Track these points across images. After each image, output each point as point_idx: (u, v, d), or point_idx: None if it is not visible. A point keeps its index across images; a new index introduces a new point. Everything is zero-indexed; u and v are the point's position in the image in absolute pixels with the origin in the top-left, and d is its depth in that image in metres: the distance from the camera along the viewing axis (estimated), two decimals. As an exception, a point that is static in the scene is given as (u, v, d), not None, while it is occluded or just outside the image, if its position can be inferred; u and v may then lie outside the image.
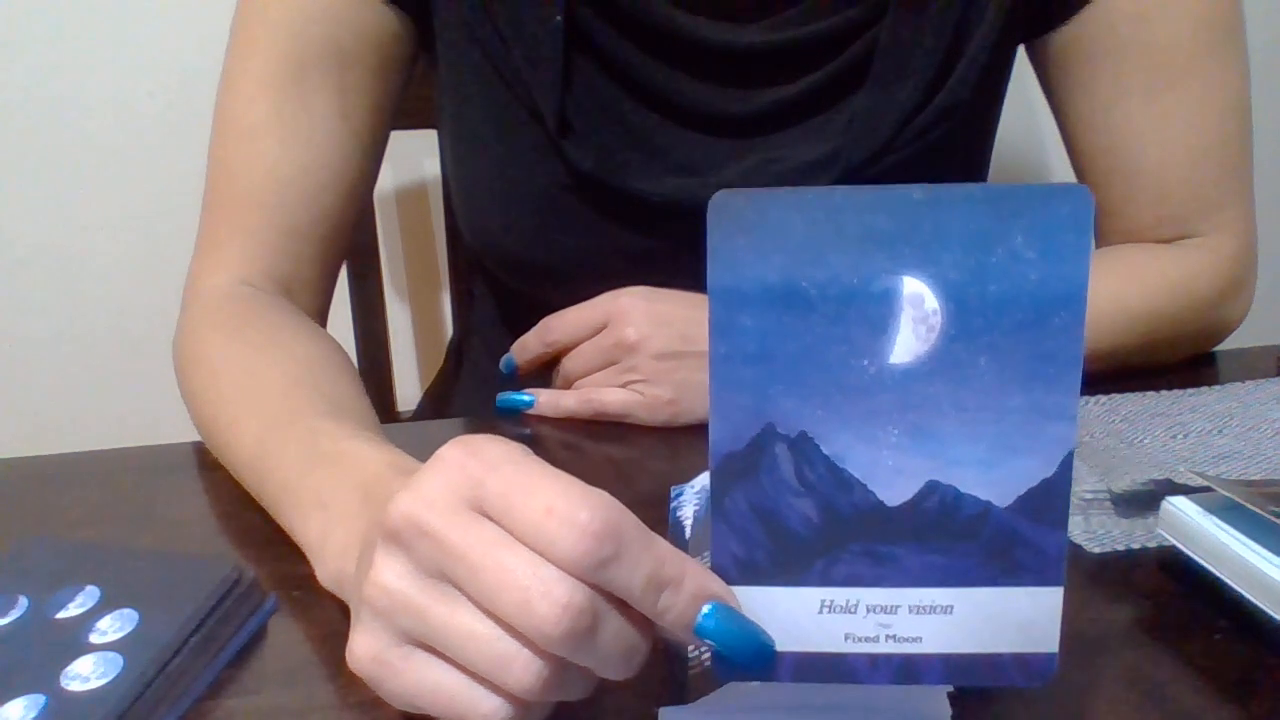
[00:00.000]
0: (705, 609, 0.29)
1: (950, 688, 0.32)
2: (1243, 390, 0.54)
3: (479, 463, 0.29)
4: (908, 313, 0.28)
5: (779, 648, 0.30)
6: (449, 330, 1.16)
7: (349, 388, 0.50)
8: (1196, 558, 0.39)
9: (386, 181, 1.14)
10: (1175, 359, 0.62)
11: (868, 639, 0.30)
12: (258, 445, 0.45)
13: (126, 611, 0.37)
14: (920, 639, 0.30)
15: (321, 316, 0.63)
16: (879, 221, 0.28)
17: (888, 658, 0.30)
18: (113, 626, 0.36)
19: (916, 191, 0.28)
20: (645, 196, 0.57)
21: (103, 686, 0.34)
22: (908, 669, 0.30)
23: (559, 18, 0.55)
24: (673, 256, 0.57)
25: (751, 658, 0.30)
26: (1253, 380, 0.55)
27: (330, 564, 0.37)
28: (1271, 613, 0.36)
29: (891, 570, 0.30)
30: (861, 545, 0.29)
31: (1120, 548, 0.44)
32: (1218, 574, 0.38)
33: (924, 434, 0.29)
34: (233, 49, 0.58)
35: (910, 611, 0.30)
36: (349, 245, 0.64)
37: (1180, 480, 0.43)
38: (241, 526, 0.48)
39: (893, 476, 0.29)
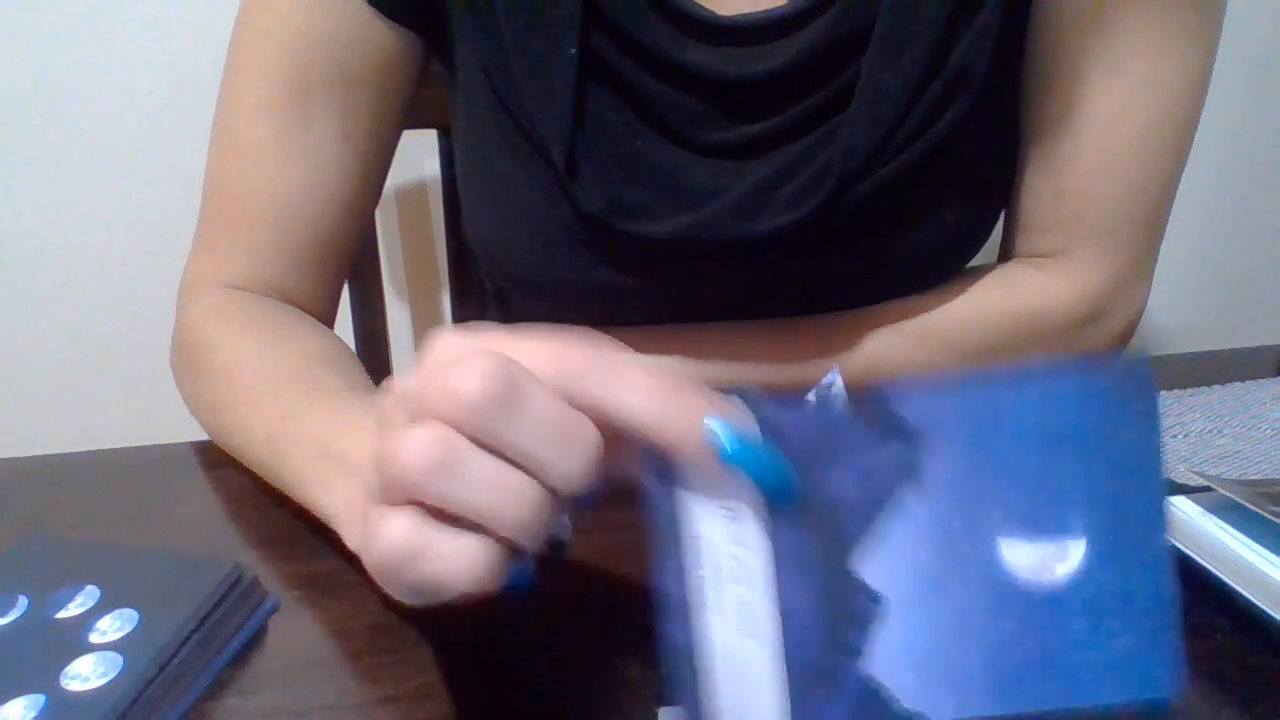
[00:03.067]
0: (718, 429, 0.26)
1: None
2: (1243, 390, 0.54)
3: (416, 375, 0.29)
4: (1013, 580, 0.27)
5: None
6: (449, 330, 1.16)
7: (361, 375, 0.51)
8: (1196, 558, 0.39)
9: (386, 182, 1.13)
10: None
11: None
12: (275, 425, 0.46)
13: (126, 611, 0.37)
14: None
15: (328, 325, 0.62)
16: None
17: None
18: (113, 626, 0.36)
19: None
20: (650, 236, 0.55)
21: (103, 686, 0.34)
22: None
23: (573, 50, 0.53)
24: (675, 289, 0.56)
25: (777, 477, 0.27)
26: (1253, 380, 0.55)
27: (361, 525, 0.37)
28: (1272, 613, 0.36)
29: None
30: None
31: (1120, 548, 0.44)
32: (1218, 574, 0.38)
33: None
34: (234, 64, 0.57)
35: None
36: (353, 260, 0.64)
37: (1180, 480, 0.43)
38: (241, 526, 0.48)
39: None
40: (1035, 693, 0.27)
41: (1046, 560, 0.27)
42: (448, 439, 0.27)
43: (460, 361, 0.27)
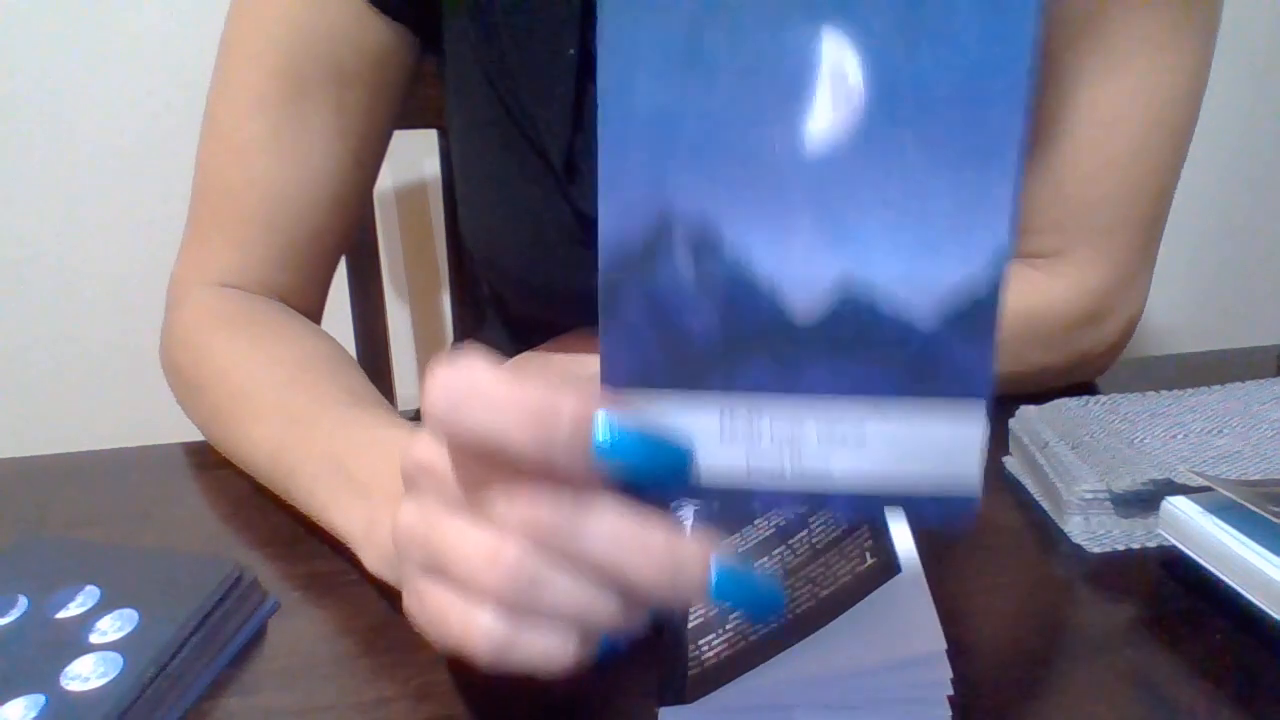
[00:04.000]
0: (599, 423, 0.26)
1: (950, 690, 0.32)
2: (1243, 390, 0.54)
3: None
4: (827, 78, 0.24)
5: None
6: (449, 330, 1.16)
7: (360, 380, 0.51)
8: (1196, 558, 0.39)
9: (386, 181, 1.14)
10: (1038, 388, 0.57)
11: (771, 469, 0.27)
12: (279, 438, 0.45)
13: (126, 611, 0.37)
14: (830, 474, 0.27)
15: (315, 321, 0.62)
16: None
17: (794, 490, 0.27)
18: (113, 626, 0.36)
19: None
20: None
21: (103, 686, 0.34)
22: (815, 500, 0.27)
23: (573, 51, 0.53)
24: None
25: (668, 465, 0.27)
26: (1253, 380, 0.55)
27: (380, 547, 0.37)
28: (1271, 613, 0.36)
29: (797, 379, 0.26)
30: (765, 351, 0.26)
31: (1120, 548, 0.44)
32: (1218, 574, 0.38)
33: (839, 220, 0.25)
34: (226, 59, 0.56)
35: (820, 441, 0.27)
36: (341, 254, 0.64)
37: (1180, 480, 0.43)
38: (241, 526, 0.48)
39: (804, 270, 0.25)
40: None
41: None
42: (525, 560, 0.27)
43: (525, 476, 0.27)
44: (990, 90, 0.24)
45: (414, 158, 1.13)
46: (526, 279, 0.59)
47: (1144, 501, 0.44)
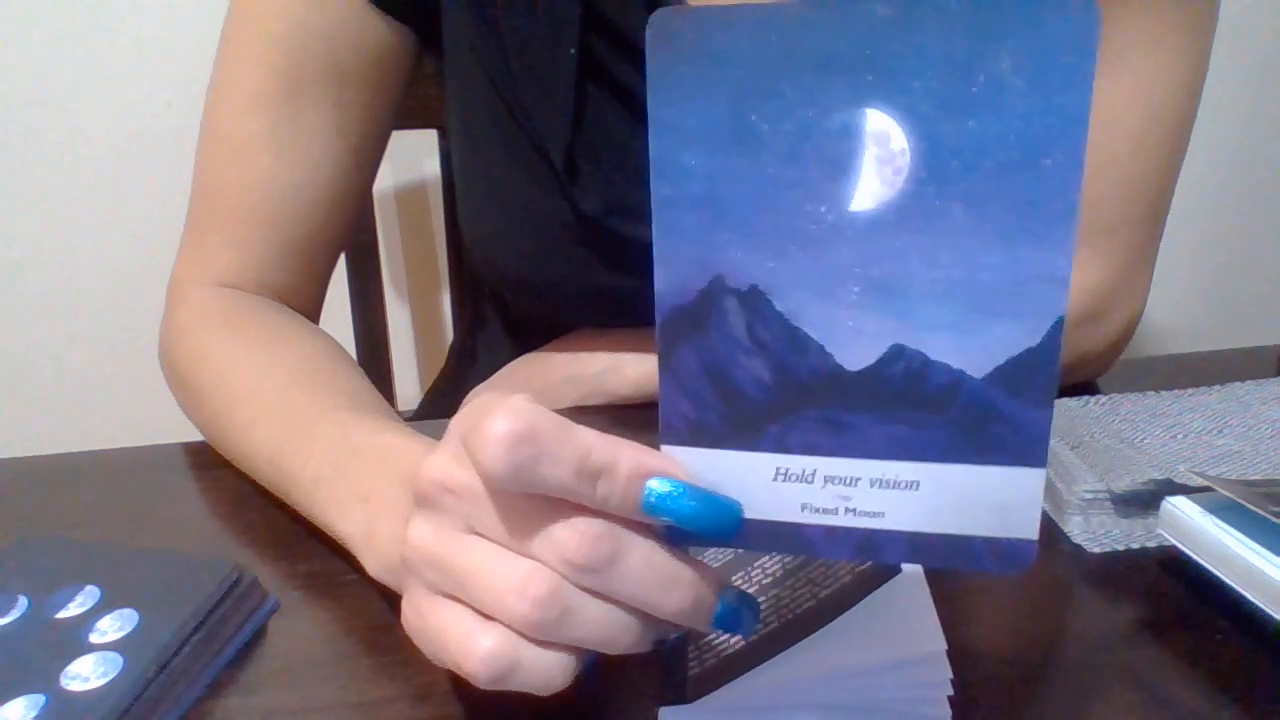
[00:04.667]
0: (652, 485, 0.27)
1: (950, 690, 0.32)
2: (1243, 390, 0.54)
3: (462, 418, 0.29)
4: (871, 151, 0.24)
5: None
6: (449, 330, 1.16)
7: (361, 382, 0.51)
8: (1196, 558, 0.39)
9: (386, 181, 1.14)
10: None
11: (825, 510, 0.28)
12: (279, 442, 0.45)
13: (126, 611, 0.37)
14: (883, 514, 0.27)
15: (314, 320, 0.62)
16: (839, 44, 0.24)
17: (848, 531, 0.28)
18: (113, 626, 0.36)
19: (882, 7, 0.24)
20: (648, 239, 0.55)
21: (103, 686, 0.34)
22: (868, 545, 0.28)
23: (573, 51, 0.53)
24: None
25: (714, 524, 0.28)
26: (1253, 380, 0.55)
27: (381, 553, 0.38)
28: (1271, 613, 0.36)
29: (851, 440, 0.27)
30: (819, 411, 0.27)
31: (1120, 548, 0.44)
32: (1218, 574, 0.38)
33: (889, 292, 0.25)
34: (225, 58, 0.56)
35: (872, 485, 0.27)
36: (340, 253, 0.64)
37: (1180, 480, 0.43)
38: (241, 526, 0.48)
39: (853, 338, 0.26)
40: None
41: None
42: (559, 594, 0.28)
43: (564, 511, 0.28)
44: (1044, 162, 0.24)
45: (414, 158, 1.12)
46: (526, 279, 0.59)
47: (1144, 501, 0.44)
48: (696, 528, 0.28)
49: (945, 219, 0.25)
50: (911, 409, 0.26)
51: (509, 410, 0.27)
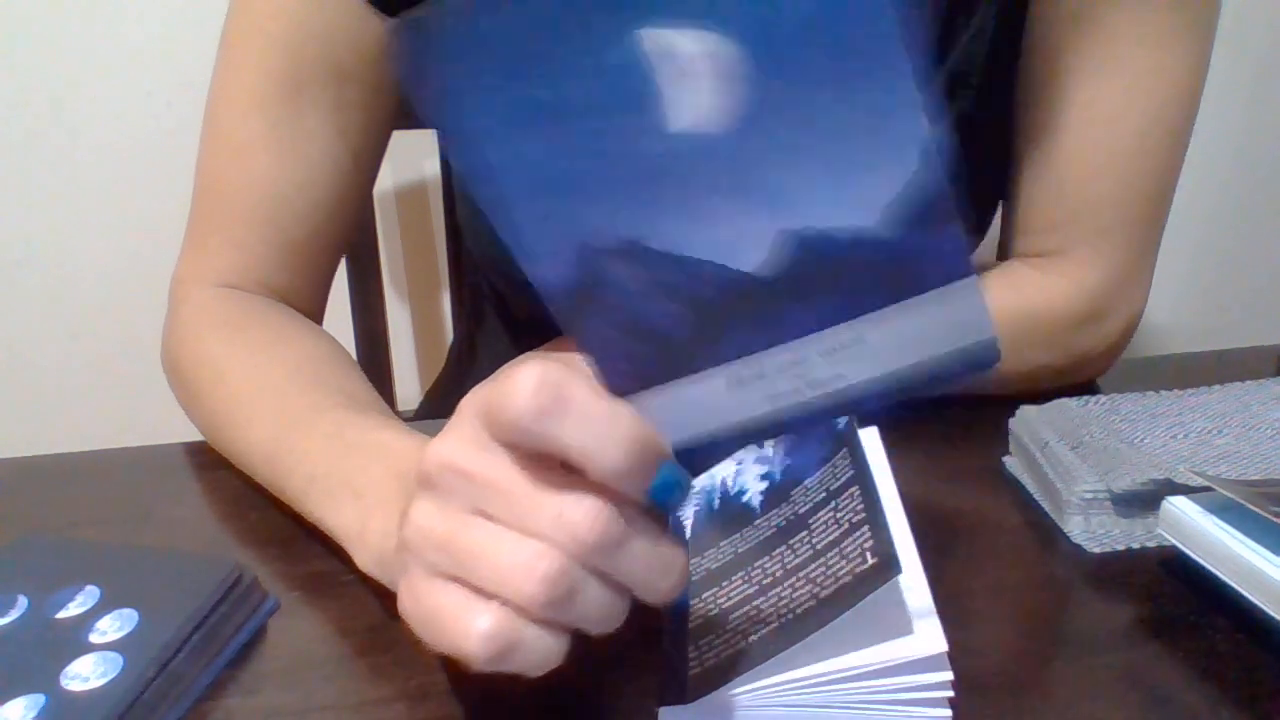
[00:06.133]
0: (664, 471, 0.28)
1: (950, 691, 0.32)
2: (1243, 390, 0.54)
3: (477, 395, 0.30)
4: (664, 69, 0.23)
5: (707, 431, 0.29)
6: (449, 330, 1.16)
7: (360, 382, 0.51)
8: (1196, 558, 0.39)
9: (386, 181, 1.14)
10: (1038, 387, 0.56)
11: (789, 393, 0.28)
12: (276, 440, 0.46)
13: (126, 611, 0.37)
14: (843, 375, 0.27)
15: (316, 321, 0.62)
16: None
17: (819, 402, 0.28)
18: (113, 626, 0.36)
19: None
20: None
21: (103, 686, 0.34)
22: (845, 404, 0.28)
23: None
24: None
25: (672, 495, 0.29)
26: (1253, 380, 0.55)
27: (373, 548, 0.38)
28: (1271, 613, 0.36)
29: (783, 330, 0.27)
30: (741, 318, 0.27)
31: (1120, 548, 0.44)
32: (1218, 574, 0.38)
33: (752, 188, 0.25)
34: (225, 59, 0.57)
35: (822, 357, 0.27)
36: (342, 254, 0.64)
37: (1180, 480, 0.43)
38: (241, 526, 0.48)
39: (741, 243, 0.26)
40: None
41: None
42: (568, 576, 0.28)
43: (574, 493, 0.28)
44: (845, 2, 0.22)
45: (414, 158, 1.12)
46: (526, 279, 0.59)
47: (1144, 501, 0.44)
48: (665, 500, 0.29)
49: (774, 96, 0.24)
50: (827, 280, 0.26)
51: (539, 363, 0.27)
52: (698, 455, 0.29)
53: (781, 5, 0.22)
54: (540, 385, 0.27)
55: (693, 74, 0.23)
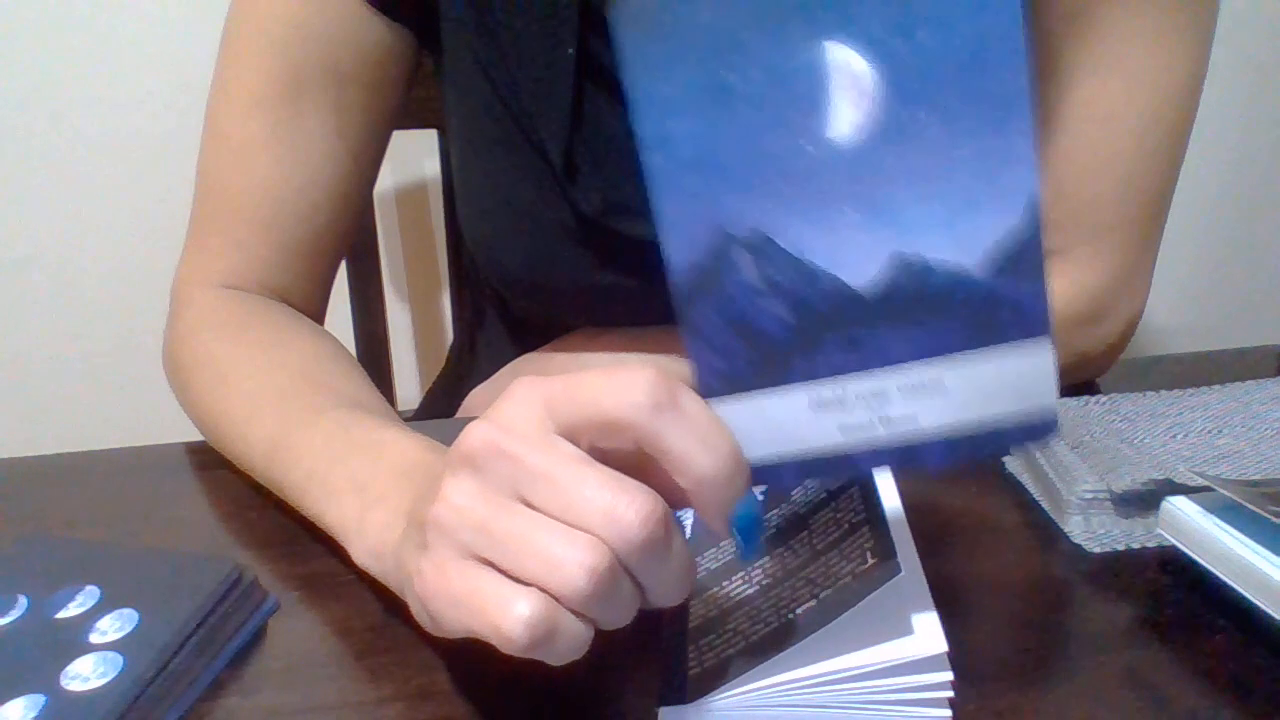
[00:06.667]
0: (747, 502, 0.30)
1: (950, 691, 0.32)
2: (1243, 390, 0.54)
3: (549, 385, 0.30)
4: (838, 80, 0.26)
5: (777, 452, 0.30)
6: (449, 330, 1.16)
7: (362, 382, 0.51)
8: (1196, 558, 0.39)
9: (386, 181, 1.14)
10: None
11: (863, 427, 0.29)
12: (276, 438, 0.46)
13: (126, 611, 0.37)
14: (915, 418, 0.29)
15: (318, 322, 0.62)
16: None
17: (887, 443, 0.30)
18: (113, 626, 0.36)
19: None
20: (647, 238, 0.55)
21: (103, 686, 0.34)
22: (908, 454, 0.30)
23: (571, 50, 0.52)
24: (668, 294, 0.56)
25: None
26: (1253, 380, 0.55)
27: (370, 540, 0.38)
28: (1271, 613, 0.36)
29: (871, 353, 0.29)
30: (837, 334, 0.29)
31: (1120, 548, 0.44)
32: (1218, 574, 0.38)
33: (880, 206, 0.27)
34: (225, 60, 0.57)
35: (900, 392, 0.29)
36: (343, 257, 0.64)
37: (1180, 480, 0.43)
38: (241, 526, 0.48)
39: (855, 257, 0.28)
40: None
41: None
42: (612, 572, 0.28)
43: (628, 491, 0.28)
44: (991, 55, 0.26)
45: (414, 158, 1.13)
46: (526, 279, 0.59)
47: (1144, 501, 0.44)
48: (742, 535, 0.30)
49: (916, 126, 0.26)
50: (921, 311, 0.28)
51: (651, 364, 0.29)
52: (761, 477, 0.31)
53: (934, 45, 0.26)
54: (657, 384, 0.28)
55: (859, 91, 0.26)
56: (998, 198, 0.27)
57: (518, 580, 0.28)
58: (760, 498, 0.33)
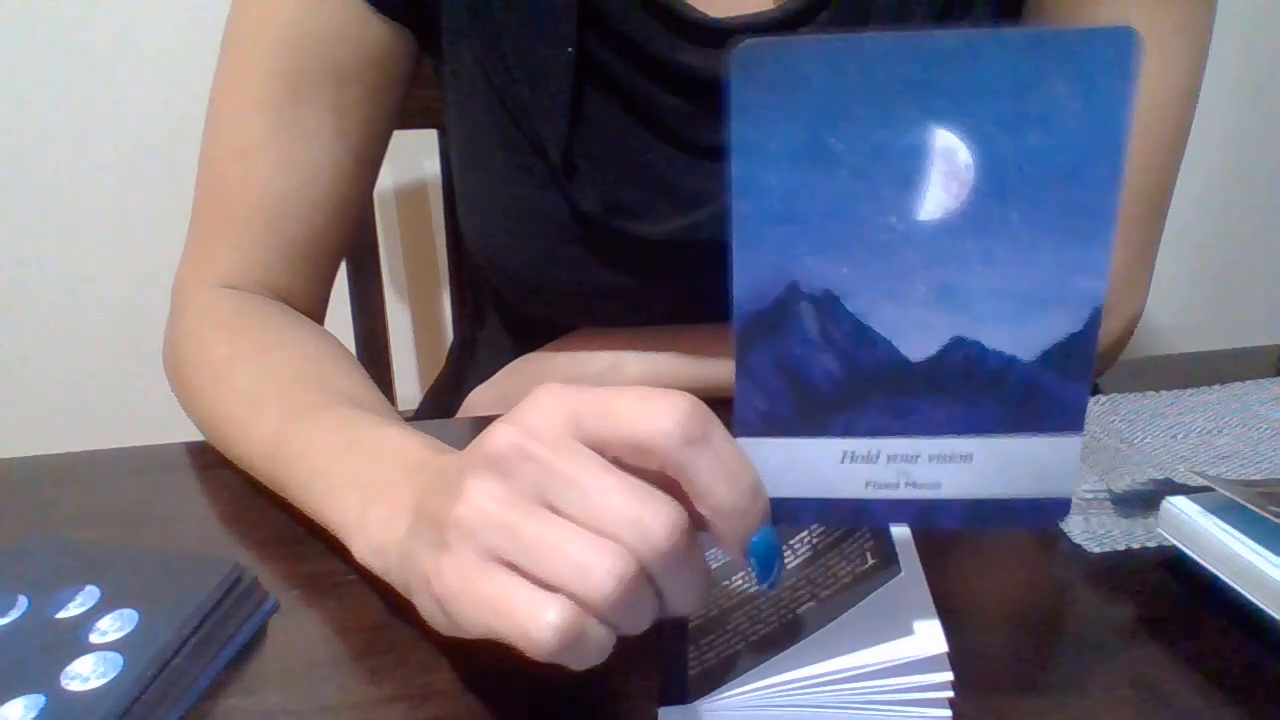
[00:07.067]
0: (765, 534, 0.30)
1: (950, 691, 0.32)
2: (1243, 390, 0.54)
3: (578, 396, 0.30)
4: (939, 167, 0.27)
5: (803, 494, 0.31)
6: (449, 330, 1.16)
7: (363, 382, 0.51)
8: (1196, 558, 0.39)
9: (386, 181, 1.14)
10: None
11: (887, 485, 0.31)
12: (278, 436, 0.46)
13: (126, 611, 0.37)
14: (939, 485, 0.30)
15: (318, 321, 0.62)
16: (909, 71, 0.27)
17: (906, 503, 0.31)
18: (113, 626, 0.36)
19: (949, 38, 0.26)
20: (647, 237, 0.55)
21: (103, 686, 0.34)
22: (927, 513, 0.31)
23: (570, 50, 0.53)
24: (672, 290, 0.56)
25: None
26: (1253, 380, 0.55)
27: (373, 535, 0.37)
28: (1271, 613, 0.36)
29: (913, 421, 0.30)
30: (885, 399, 0.30)
31: (1120, 548, 0.44)
32: (1218, 574, 0.38)
33: (951, 291, 0.28)
34: (226, 61, 0.57)
35: (930, 460, 0.30)
36: (343, 256, 0.64)
37: (1180, 480, 0.43)
38: (241, 526, 0.48)
39: (917, 332, 0.29)
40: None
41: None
42: (638, 580, 0.29)
43: (654, 500, 0.29)
44: (1090, 169, 0.27)
45: (414, 158, 1.13)
46: (526, 278, 0.59)
47: (1144, 501, 0.44)
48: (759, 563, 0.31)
49: (1003, 224, 0.28)
50: (968, 391, 0.29)
51: (684, 394, 0.29)
52: (780, 514, 0.31)
53: (1038, 148, 0.27)
54: (691, 416, 0.28)
55: (957, 179, 0.27)
56: (1065, 303, 0.28)
57: (543, 585, 0.28)
58: None
